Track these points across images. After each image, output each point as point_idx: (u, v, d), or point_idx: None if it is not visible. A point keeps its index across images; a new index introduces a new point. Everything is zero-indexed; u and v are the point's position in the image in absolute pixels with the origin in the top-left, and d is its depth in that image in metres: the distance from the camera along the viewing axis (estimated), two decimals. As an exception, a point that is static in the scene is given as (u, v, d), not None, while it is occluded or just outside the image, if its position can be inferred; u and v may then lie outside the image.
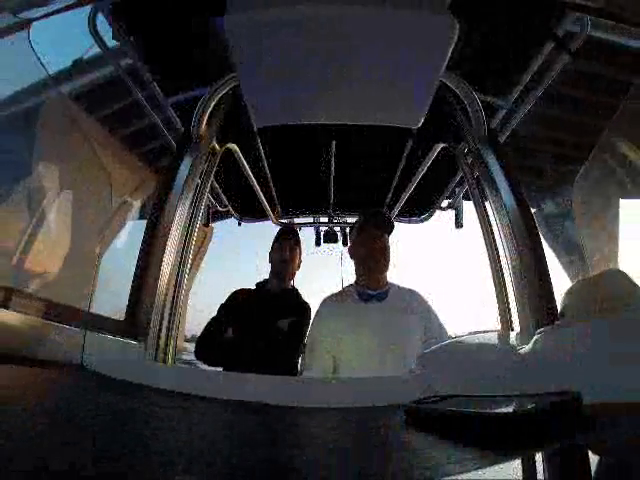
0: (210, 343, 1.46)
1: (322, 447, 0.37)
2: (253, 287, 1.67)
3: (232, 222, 2.53)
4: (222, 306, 1.58)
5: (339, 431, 0.49)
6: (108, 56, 1.25)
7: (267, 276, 1.67)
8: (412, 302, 1.39)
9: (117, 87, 1.45)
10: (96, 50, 1.22)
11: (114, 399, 0.60)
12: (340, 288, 1.53)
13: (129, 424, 0.45)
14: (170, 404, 0.58)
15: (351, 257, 1.50)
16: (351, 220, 2.53)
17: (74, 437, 0.36)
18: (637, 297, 0.72)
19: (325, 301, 1.42)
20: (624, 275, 0.78)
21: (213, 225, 2.91)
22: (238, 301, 1.59)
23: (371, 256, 1.38)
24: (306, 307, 1.58)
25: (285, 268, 1.59)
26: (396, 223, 2.39)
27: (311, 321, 1.44)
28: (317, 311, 1.42)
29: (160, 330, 1.14)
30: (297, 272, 1.68)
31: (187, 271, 1.37)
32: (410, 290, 1.45)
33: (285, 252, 1.59)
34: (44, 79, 1.06)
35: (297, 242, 1.65)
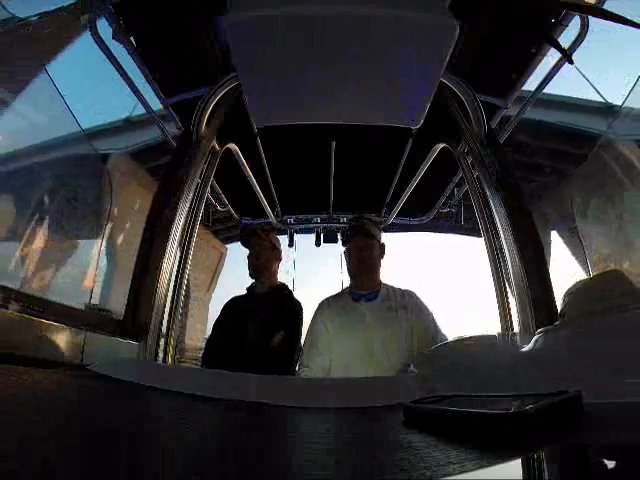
0: (208, 363, 1.56)
1: (321, 447, 0.37)
2: (245, 292, 1.70)
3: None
4: (217, 320, 1.63)
5: (338, 431, 0.49)
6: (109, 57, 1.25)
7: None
8: (404, 301, 1.45)
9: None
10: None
11: (114, 399, 0.60)
12: (340, 288, 1.66)
13: (129, 424, 0.45)
14: (170, 404, 0.58)
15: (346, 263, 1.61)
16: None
17: (74, 437, 0.36)
18: (637, 297, 0.72)
19: (322, 302, 1.53)
20: (624, 275, 0.78)
21: (227, 246, 2.96)
22: (231, 310, 1.64)
23: (356, 261, 1.50)
24: (297, 309, 1.60)
25: (257, 268, 1.61)
26: (396, 223, 2.36)
27: (306, 320, 1.53)
28: (315, 311, 1.50)
29: (160, 330, 1.14)
30: (276, 265, 1.69)
31: (187, 271, 1.37)
32: (403, 290, 1.50)
33: (252, 256, 1.62)
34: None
35: (259, 237, 1.64)
